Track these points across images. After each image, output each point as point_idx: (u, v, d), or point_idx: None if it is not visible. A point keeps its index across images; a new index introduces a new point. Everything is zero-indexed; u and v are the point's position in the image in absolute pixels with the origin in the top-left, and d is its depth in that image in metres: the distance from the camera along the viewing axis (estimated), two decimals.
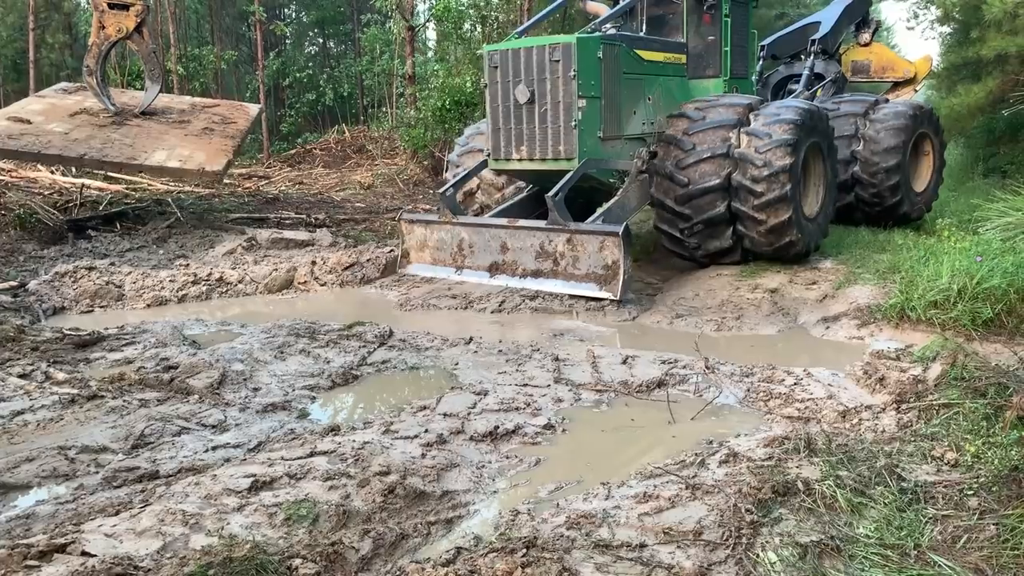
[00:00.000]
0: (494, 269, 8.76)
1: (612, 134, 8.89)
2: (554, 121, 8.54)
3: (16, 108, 11.50)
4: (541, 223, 8.46)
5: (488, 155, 9.25)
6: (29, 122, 10.67)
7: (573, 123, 8.39)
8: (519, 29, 9.98)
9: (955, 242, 8.25)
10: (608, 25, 9.62)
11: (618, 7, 9.80)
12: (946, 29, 19.15)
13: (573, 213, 8.53)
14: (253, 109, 13.50)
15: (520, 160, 8.91)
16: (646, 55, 9.40)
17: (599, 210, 8.85)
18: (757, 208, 8.42)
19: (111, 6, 10.95)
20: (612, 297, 7.88)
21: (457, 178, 9.71)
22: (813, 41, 12.00)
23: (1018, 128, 14.65)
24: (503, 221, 8.85)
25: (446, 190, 9.38)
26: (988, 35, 14.48)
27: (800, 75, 12.13)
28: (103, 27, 11.01)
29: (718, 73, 10.33)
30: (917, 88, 13.61)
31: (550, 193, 8.26)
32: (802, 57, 12.62)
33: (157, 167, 10.35)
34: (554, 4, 10.73)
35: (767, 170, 8.32)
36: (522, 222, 8.70)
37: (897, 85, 13.33)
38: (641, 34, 10.07)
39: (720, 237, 8.81)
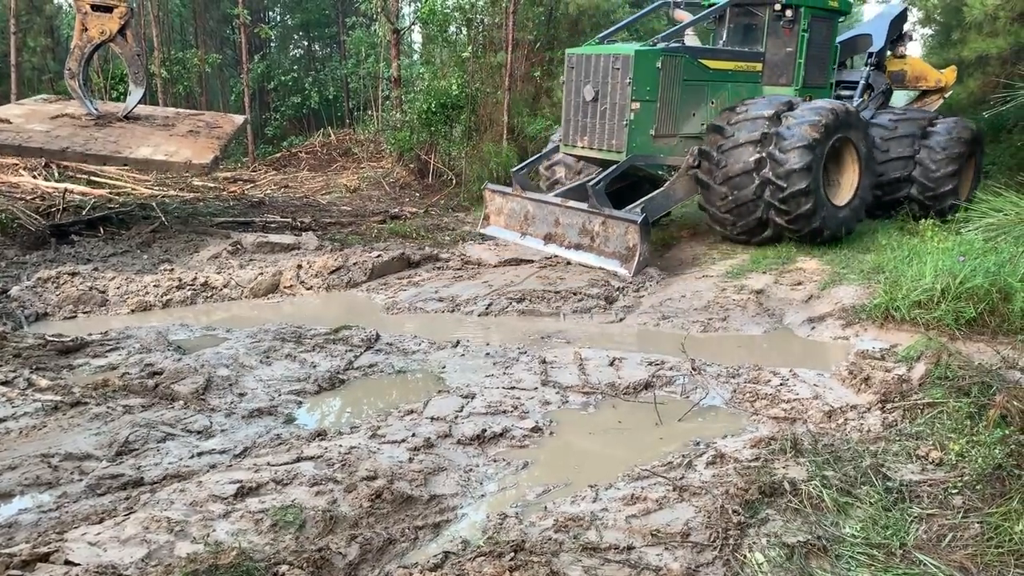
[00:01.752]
0: (548, 238, 10.16)
1: (666, 132, 10.23)
2: (611, 118, 9.94)
3: None
4: (585, 205, 9.65)
5: (560, 141, 10.87)
6: (9, 121, 10.56)
7: (624, 122, 9.75)
8: (602, 35, 11.20)
9: (938, 242, 8.33)
10: (690, 31, 10.95)
11: (689, 20, 11.14)
12: (927, 31, 19.34)
13: (637, 199, 10.03)
14: (238, 119, 13.39)
15: (583, 148, 10.44)
16: (712, 64, 10.64)
17: (645, 197, 10.09)
18: (780, 177, 9.54)
19: (94, 8, 10.82)
20: (627, 274, 8.92)
21: (528, 161, 11.68)
22: (870, 54, 12.63)
23: (999, 129, 14.81)
24: (558, 200, 10.16)
25: (519, 169, 11.11)
26: (969, 37, 14.63)
27: (846, 81, 12.78)
28: (86, 29, 10.88)
29: (790, 82, 11.29)
30: (945, 96, 14.13)
31: (591, 182, 9.64)
32: (846, 64, 13.31)
33: (143, 160, 10.17)
34: (641, 12, 12.21)
35: (796, 133, 9.55)
36: (572, 202, 9.93)
37: (925, 93, 13.91)
38: (720, 43, 11.41)
39: (748, 187, 9.85)
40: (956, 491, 3.89)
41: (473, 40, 17.94)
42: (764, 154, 9.67)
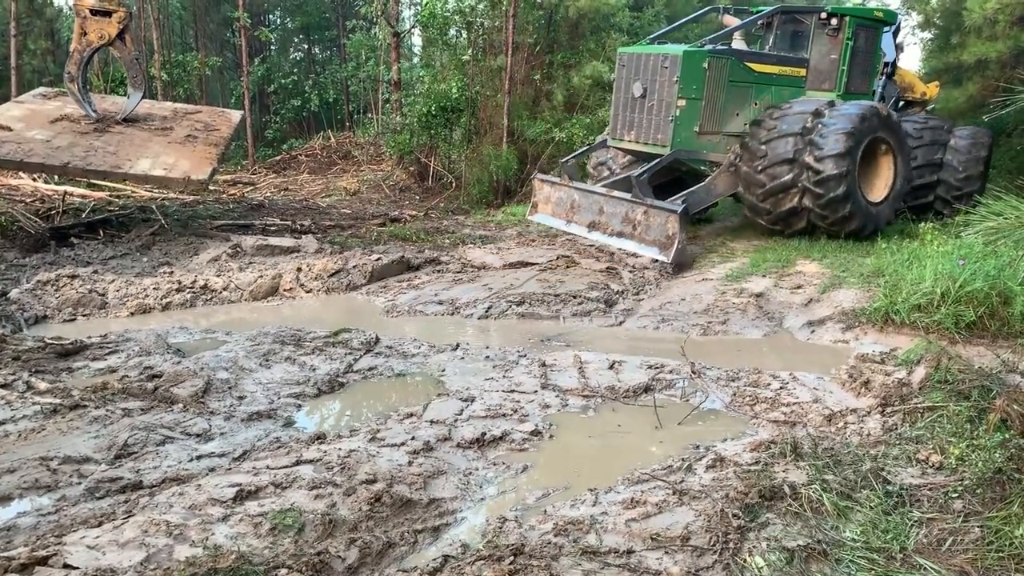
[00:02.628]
0: (592, 226, 10.82)
1: (710, 130, 10.86)
2: (657, 114, 10.64)
3: None
4: (628, 195, 10.29)
5: (608, 135, 11.57)
6: (10, 129, 10.55)
7: (670, 118, 10.44)
8: (654, 35, 12.11)
9: (938, 246, 8.33)
10: (738, 35, 11.74)
11: (737, 25, 11.90)
12: (927, 35, 19.39)
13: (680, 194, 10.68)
14: (235, 116, 13.37)
15: (629, 141, 11.14)
16: (757, 67, 11.23)
17: (687, 190, 10.70)
18: (817, 163, 10.13)
19: (93, 12, 10.84)
20: (665, 260, 9.61)
21: (575, 153, 12.30)
22: (887, 64, 13.12)
23: (999, 133, 14.82)
24: (603, 190, 10.87)
25: (566, 160, 11.79)
26: (968, 40, 14.66)
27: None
28: (85, 33, 10.91)
29: (833, 88, 11.90)
30: (928, 109, 14.70)
31: (636, 173, 10.30)
32: None
33: (142, 175, 10.24)
34: (691, 16, 12.98)
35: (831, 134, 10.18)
36: (616, 193, 10.60)
37: (909, 104, 14.41)
38: (767, 48, 12.17)
39: (785, 175, 10.39)
40: (956, 495, 3.89)
41: (473, 43, 17.96)
42: (804, 143, 10.25)
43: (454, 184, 17.31)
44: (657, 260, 9.73)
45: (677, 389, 5.84)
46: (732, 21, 12.44)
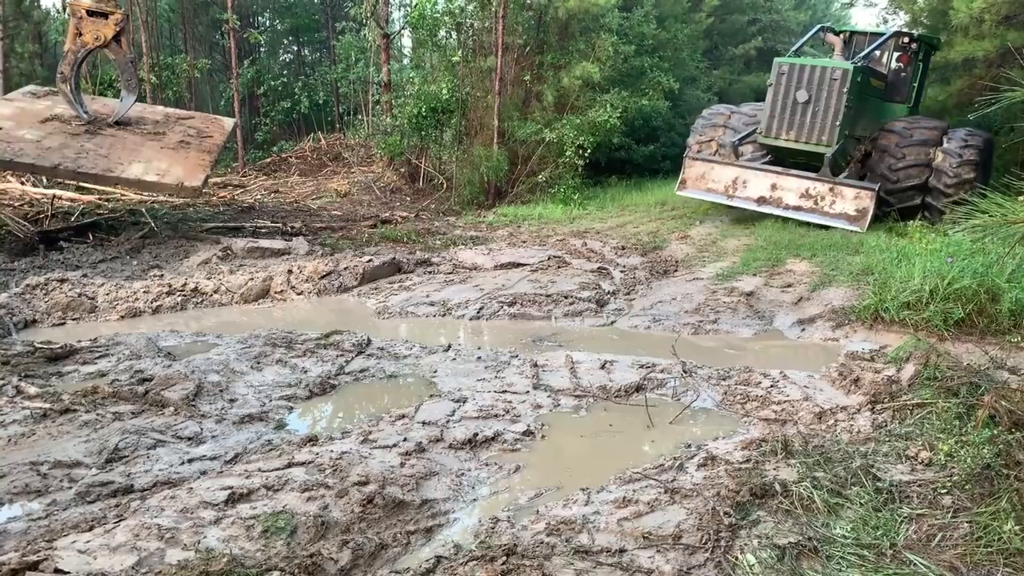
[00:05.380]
0: (761, 201, 12.31)
1: (850, 132, 12.48)
2: (823, 118, 12.08)
3: None
4: (811, 174, 12.03)
5: (760, 131, 12.85)
6: (0, 127, 10.48)
7: (838, 122, 11.94)
8: (794, 48, 13.81)
9: (926, 244, 8.40)
10: (838, 51, 13.17)
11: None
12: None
13: None
14: (228, 123, 13.28)
15: (786, 140, 12.48)
16: (872, 80, 13.07)
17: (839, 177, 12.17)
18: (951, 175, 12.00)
19: (90, 13, 10.75)
20: (859, 230, 11.07)
21: (742, 135, 13.51)
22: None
23: (985, 131, 14.91)
24: (778, 168, 12.41)
25: (734, 142, 13.17)
26: (955, 39, 14.75)
27: None
28: (80, 34, 10.81)
29: (904, 100, 13.97)
30: None
31: (828, 155, 11.85)
32: None
33: (134, 180, 10.15)
34: (809, 33, 14.24)
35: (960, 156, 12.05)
36: (793, 171, 12.23)
37: None
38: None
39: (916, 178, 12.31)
40: (945, 491, 3.92)
41: (463, 44, 17.95)
42: (936, 149, 12.13)
43: (445, 185, 17.31)
44: (849, 230, 11.16)
45: (668, 388, 5.85)
46: (833, 38, 13.79)
